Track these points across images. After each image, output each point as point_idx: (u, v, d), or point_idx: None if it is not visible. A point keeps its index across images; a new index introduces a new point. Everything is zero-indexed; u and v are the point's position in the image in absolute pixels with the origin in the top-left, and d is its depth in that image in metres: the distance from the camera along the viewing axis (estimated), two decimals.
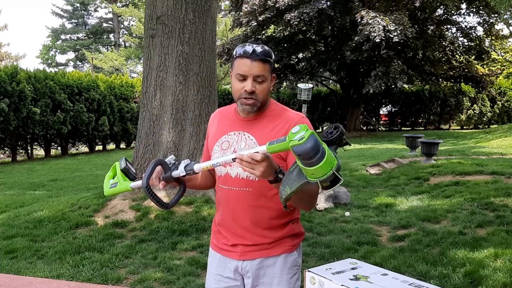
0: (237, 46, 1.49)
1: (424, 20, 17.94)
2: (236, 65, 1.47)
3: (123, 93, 16.23)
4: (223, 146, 1.55)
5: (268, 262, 1.54)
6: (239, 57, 1.46)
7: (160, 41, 5.36)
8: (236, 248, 1.56)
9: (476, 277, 3.13)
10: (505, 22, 18.17)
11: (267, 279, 1.55)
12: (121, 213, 4.97)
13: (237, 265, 1.56)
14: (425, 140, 8.12)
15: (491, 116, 21.85)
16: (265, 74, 1.45)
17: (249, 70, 1.43)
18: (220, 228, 1.62)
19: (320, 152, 1.13)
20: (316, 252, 3.86)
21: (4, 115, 11.71)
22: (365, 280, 1.02)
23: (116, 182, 1.51)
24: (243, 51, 1.44)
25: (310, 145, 1.13)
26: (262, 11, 16.02)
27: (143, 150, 5.44)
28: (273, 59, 1.48)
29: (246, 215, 1.52)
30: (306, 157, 1.14)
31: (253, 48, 1.43)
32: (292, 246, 1.56)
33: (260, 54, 1.43)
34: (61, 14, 39.33)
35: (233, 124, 1.57)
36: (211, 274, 1.65)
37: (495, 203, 5.05)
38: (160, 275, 3.43)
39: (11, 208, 6.02)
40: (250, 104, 1.47)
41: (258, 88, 1.45)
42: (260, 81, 1.45)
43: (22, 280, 1.84)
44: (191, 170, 1.43)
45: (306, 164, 1.15)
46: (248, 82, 1.44)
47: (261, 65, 1.44)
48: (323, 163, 1.13)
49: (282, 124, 1.50)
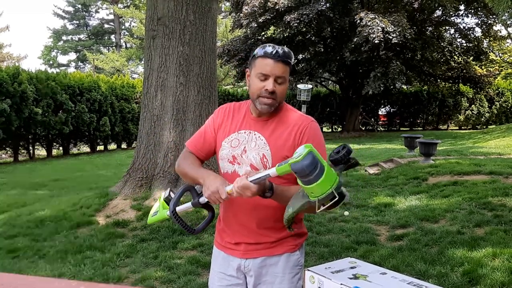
0: (258, 47, 1.50)
1: (422, 21, 17.96)
2: (258, 64, 1.47)
3: (124, 93, 16.23)
4: (233, 143, 1.55)
5: (271, 261, 1.55)
6: (261, 57, 1.47)
7: (161, 42, 5.39)
8: (239, 247, 1.57)
9: (474, 276, 3.14)
10: (503, 23, 18.20)
11: (269, 278, 1.56)
12: (122, 212, 5.00)
13: (239, 263, 1.58)
14: (423, 140, 8.13)
15: (489, 117, 21.88)
16: (285, 75, 1.48)
17: (271, 70, 1.45)
18: (224, 226, 1.63)
19: (318, 169, 1.11)
20: (315, 251, 3.89)
21: (6, 115, 11.72)
22: (364, 279, 1.03)
23: (157, 211, 1.56)
24: (266, 51, 1.45)
25: (306, 162, 1.12)
26: (262, 13, 16.04)
27: (144, 150, 5.47)
28: (293, 61, 1.50)
29: (251, 214, 1.53)
30: (302, 174, 1.13)
31: (276, 49, 1.45)
32: (295, 246, 1.57)
33: (283, 56, 1.45)
34: (62, 15, 39.31)
35: (245, 122, 1.57)
36: (215, 272, 1.66)
37: (493, 202, 5.07)
38: (161, 274, 3.45)
39: (13, 207, 6.03)
40: (269, 104, 1.48)
41: (278, 89, 1.47)
42: (280, 82, 1.47)
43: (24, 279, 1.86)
44: None
45: (304, 182, 1.14)
46: (270, 82, 1.46)
47: (283, 66, 1.46)
48: (321, 180, 1.11)
49: (292, 126, 1.51)
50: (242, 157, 1.52)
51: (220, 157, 1.58)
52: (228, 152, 1.55)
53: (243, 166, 1.52)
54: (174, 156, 5.33)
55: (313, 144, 1.47)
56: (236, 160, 1.53)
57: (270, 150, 1.49)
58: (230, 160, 1.55)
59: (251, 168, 1.50)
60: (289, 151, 1.47)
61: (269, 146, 1.50)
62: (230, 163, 1.55)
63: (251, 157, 1.50)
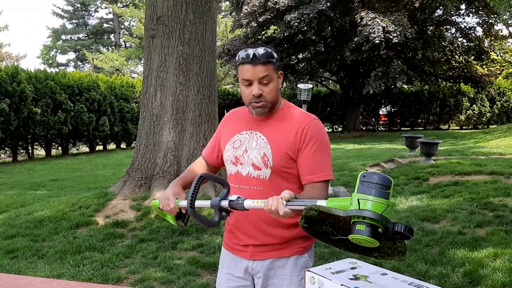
0: (239, 50, 1.49)
1: (423, 20, 17.96)
2: (240, 71, 1.48)
3: (124, 93, 16.24)
4: (235, 144, 1.56)
5: (279, 263, 1.54)
6: (240, 63, 1.46)
7: (160, 42, 5.37)
8: (247, 248, 1.56)
9: (475, 277, 3.13)
10: (505, 23, 18.16)
11: (277, 280, 1.54)
12: (121, 213, 4.98)
13: (247, 265, 1.57)
14: (424, 140, 8.12)
15: (490, 116, 21.88)
16: (269, 74, 1.45)
17: (252, 75, 1.44)
18: (232, 227, 1.62)
19: (387, 192, 0.97)
20: (315, 252, 3.87)
21: (5, 115, 11.72)
22: (364, 280, 1.02)
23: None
24: (244, 56, 1.44)
25: (383, 176, 0.98)
26: (262, 12, 16.04)
27: (144, 150, 5.45)
28: (275, 58, 1.47)
29: (257, 213, 1.51)
30: (369, 180, 0.97)
31: (253, 52, 1.43)
32: (303, 248, 1.55)
33: (261, 57, 1.43)
34: (61, 15, 39.36)
35: (246, 123, 1.58)
36: (222, 273, 1.66)
37: (494, 203, 5.06)
38: (160, 274, 3.44)
39: (11, 208, 6.02)
40: (261, 107, 1.48)
41: (265, 90, 1.46)
42: (266, 82, 1.46)
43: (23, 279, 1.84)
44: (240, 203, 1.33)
45: (361, 190, 0.98)
46: (255, 86, 1.45)
47: (263, 67, 1.44)
48: (381, 200, 0.95)
49: (293, 124, 1.50)
50: (243, 157, 1.52)
51: (225, 159, 1.60)
52: (231, 154, 1.56)
53: (245, 166, 1.52)
54: (173, 156, 5.31)
55: (317, 143, 1.47)
56: (238, 161, 1.54)
57: (270, 148, 1.49)
58: (233, 161, 1.56)
59: (253, 168, 1.49)
60: (289, 148, 1.47)
61: (269, 145, 1.49)
62: (233, 164, 1.55)
63: (252, 156, 1.50)
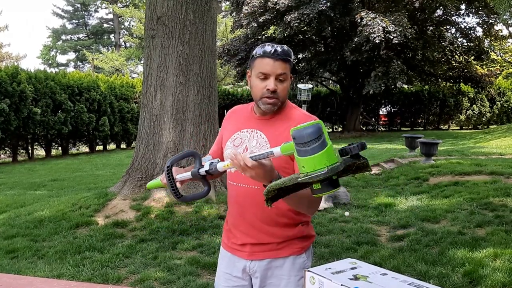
0: (257, 47, 1.49)
1: (423, 20, 17.95)
2: (257, 64, 1.47)
3: (124, 93, 16.22)
4: (235, 142, 1.57)
5: (276, 263, 1.54)
6: (260, 56, 1.46)
7: (160, 42, 5.37)
8: (245, 248, 1.56)
9: (475, 277, 3.14)
10: (505, 23, 18.17)
11: (274, 280, 1.54)
12: (121, 213, 4.98)
13: (245, 264, 1.57)
14: (424, 140, 8.12)
15: (490, 117, 21.88)
16: (286, 72, 1.47)
17: (271, 69, 1.44)
18: (230, 226, 1.62)
19: (318, 142, 1.02)
20: (315, 252, 3.87)
21: (4, 115, 11.71)
22: (364, 280, 1.01)
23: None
24: (265, 50, 1.45)
25: (309, 130, 1.03)
26: (262, 13, 16.04)
27: (144, 150, 5.45)
28: (292, 59, 1.50)
29: (254, 212, 1.52)
30: (300, 141, 1.03)
31: (274, 48, 1.44)
32: (301, 248, 1.55)
33: (282, 54, 1.44)
34: (61, 15, 39.37)
35: (248, 121, 1.58)
36: (221, 272, 1.66)
37: (494, 203, 5.06)
38: (160, 274, 3.44)
39: (11, 208, 6.02)
40: (272, 103, 1.48)
41: (279, 87, 1.47)
42: (281, 79, 1.46)
43: (23, 279, 1.84)
44: (213, 167, 1.39)
45: (300, 152, 1.04)
46: (271, 81, 1.45)
47: (283, 64, 1.45)
48: (318, 155, 1.01)
49: (293, 124, 1.47)
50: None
51: (225, 157, 1.60)
52: (231, 151, 1.55)
53: None
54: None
55: None
56: None
57: (270, 147, 1.48)
58: None
59: None
60: None
61: (270, 144, 1.49)
62: None
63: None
